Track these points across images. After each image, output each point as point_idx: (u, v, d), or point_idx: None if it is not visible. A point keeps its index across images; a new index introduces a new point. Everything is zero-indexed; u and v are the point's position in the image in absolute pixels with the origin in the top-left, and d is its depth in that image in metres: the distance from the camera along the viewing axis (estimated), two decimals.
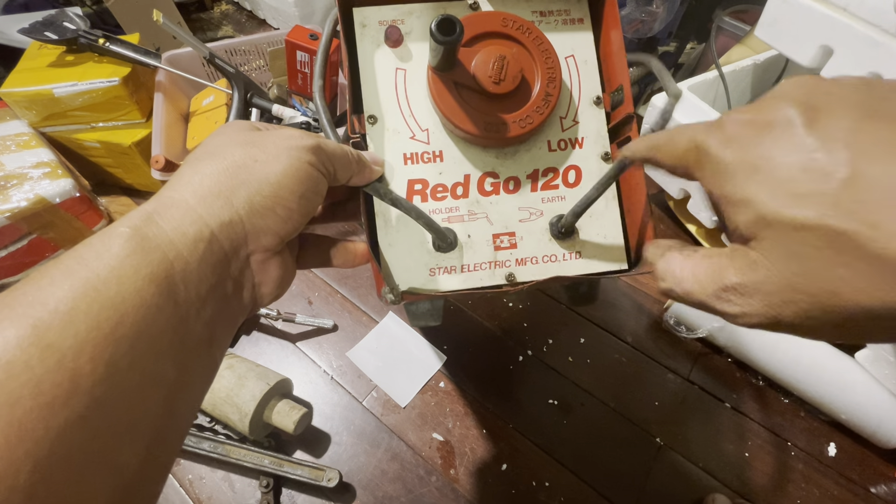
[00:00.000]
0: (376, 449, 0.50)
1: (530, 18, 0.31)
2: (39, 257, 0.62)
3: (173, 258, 0.17)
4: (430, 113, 0.30)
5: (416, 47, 0.30)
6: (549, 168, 0.31)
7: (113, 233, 0.17)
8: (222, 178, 0.19)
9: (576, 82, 0.31)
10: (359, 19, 0.29)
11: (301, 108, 0.70)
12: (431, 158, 0.30)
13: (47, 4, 0.86)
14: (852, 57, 0.47)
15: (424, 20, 0.30)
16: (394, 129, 0.29)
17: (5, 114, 0.66)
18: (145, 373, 0.16)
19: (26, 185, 0.59)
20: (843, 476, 0.49)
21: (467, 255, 0.30)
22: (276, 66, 0.75)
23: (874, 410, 0.48)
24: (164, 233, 0.17)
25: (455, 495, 0.47)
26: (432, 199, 0.30)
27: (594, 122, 0.31)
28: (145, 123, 0.68)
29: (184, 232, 0.18)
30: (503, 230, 0.30)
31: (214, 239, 0.19)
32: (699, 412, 0.53)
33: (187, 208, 0.18)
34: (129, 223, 0.17)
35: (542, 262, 0.30)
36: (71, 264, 0.16)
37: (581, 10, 0.32)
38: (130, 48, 0.65)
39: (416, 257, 0.29)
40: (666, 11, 0.74)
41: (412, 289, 0.29)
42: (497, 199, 0.30)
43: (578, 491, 0.48)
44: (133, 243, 0.17)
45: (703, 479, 0.49)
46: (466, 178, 0.30)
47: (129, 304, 0.15)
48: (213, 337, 0.19)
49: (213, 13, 1.15)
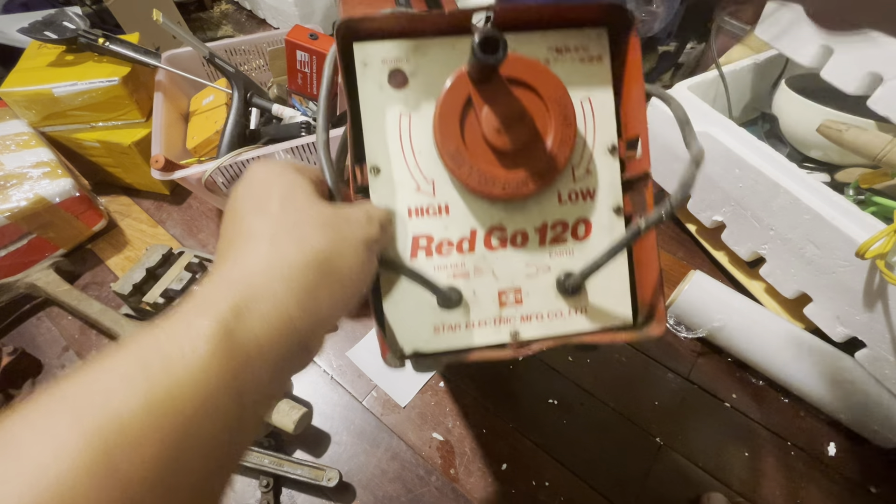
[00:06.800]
0: (376, 448, 0.50)
1: (546, 56, 0.28)
2: (39, 257, 0.62)
3: (255, 358, 0.16)
4: (437, 162, 0.28)
5: (422, 89, 0.28)
6: (558, 221, 0.29)
7: (199, 328, 0.16)
8: (310, 275, 0.19)
9: (590, 128, 0.29)
10: (360, 57, 0.27)
11: (301, 108, 0.70)
12: (437, 212, 0.28)
13: (47, 4, 0.85)
14: (852, 57, 0.47)
15: (432, 58, 0.27)
16: (398, 180, 0.28)
17: (5, 113, 0.66)
18: (197, 488, 0.15)
19: (26, 184, 0.59)
20: (843, 476, 0.49)
21: (472, 311, 0.29)
22: (276, 66, 0.75)
23: (874, 410, 0.48)
24: (252, 331, 0.17)
25: (455, 495, 0.47)
26: (437, 255, 0.28)
27: (608, 173, 0.29)
28: (145, 123, 0.68)
29: (271, 334, 0.17)
30: (509, 286, 0.29)
31: (297, 338, 0.18)
32: (699, 412, 0.53)
33: (277, 304, 0.17)
34: (218, 315, 0.16)
35: (547, 319, 0.29)
36: (151, 362, 0.15)
37: (600, 47, 0.29)
38: (130, 48, 0.65)
39: (421, 316, 0.28)
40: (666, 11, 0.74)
41: (417, 350, 0.28)
42: (504, 254, 0.29)
43: (578, 491, 0.48)
44: (220, 345, 0.16)
45: (702, 478, 0.49)
46: (473, 233, 0.29)
47: (201, 416, 0.15)
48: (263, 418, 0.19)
49: (213, 13, 1.15)
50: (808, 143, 0.59)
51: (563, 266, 0.29)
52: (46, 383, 0.54)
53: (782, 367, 0.52)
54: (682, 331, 0.57)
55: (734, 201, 0.56)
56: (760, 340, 0.53)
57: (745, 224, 0.56)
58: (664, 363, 0.57)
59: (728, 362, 0.57)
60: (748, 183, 0.53)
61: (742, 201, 0.55)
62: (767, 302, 0.59)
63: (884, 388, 0.48)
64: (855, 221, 0.45)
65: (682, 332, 0.57)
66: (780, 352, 0.52)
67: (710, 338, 0.56)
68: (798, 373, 0.51)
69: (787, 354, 0.51)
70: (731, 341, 0.54)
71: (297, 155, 0.62)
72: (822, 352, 0.51)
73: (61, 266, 0.62)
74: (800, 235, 0.50)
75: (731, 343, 0.54)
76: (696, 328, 0.56)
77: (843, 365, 0.50)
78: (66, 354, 0.57)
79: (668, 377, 0.56)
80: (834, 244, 0.47)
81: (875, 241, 0.42)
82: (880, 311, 0.45)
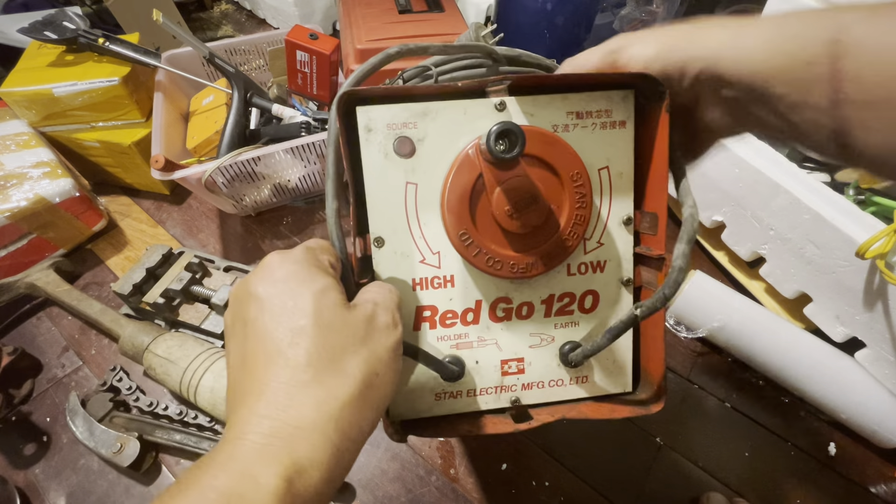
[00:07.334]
0: (376, 448, 0.50)
1: (565, 121, 0.26)
2: (39, 257, 0.62)
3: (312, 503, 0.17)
4: (443, 234, 0.26)
5: (430, 157, 0.26)
6: (565, 293, 0.28)
7: (267, 487, 0.16)
8: (356, 405, 0.19)
9: (606, 199, 0.28)
10: (363, 122, 0.25)
11: (301, 108, 0.70)
12: (442, 284, 0.27)
13: (47, 4, 0.85)
14: None
15: (442, 123, 0.26)
16: (403, 252, 0.27)
17: (5, 113, 0.66)
18: None
19: (26, 184, 0.59)
20: (843, 476, 0.49)
21: (474, 380, 0.29)
22: (276, 66, 0.75)
23: (874, 410, 0.48)
24: (312, 482, 0.17)
25: (455, 495, 0.47)
26: (441, 326, 0.28)
27: (621, 245, 0.28)
28: (145, 123, 0.68)
29: (326, 477, 0.18)
30: (512, 356, 0.29)
31: (345, 466, 0.19)
32: (699, 412, 0.53)
33: (331, 448, 0.18)
34: (282, 472, 0.16)
35: (549, 387, 0.30)
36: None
37: (624, 112, 0.27)
38: (130, 48, 0.65)
39: (423, 384, 0.28)
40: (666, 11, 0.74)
41: (418, 415, 0.29)
42: (508, 325, 0.28)
43: (578, 491, 0.48)
44: (285, 501, 0.16)
45: (703, 478, 0.49)
46: (478, 304, 0.28)
47: None
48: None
49: (213, 13, 1.15)
50: None
51: (568, 337, 0.29)
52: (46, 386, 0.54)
53: (782, 367, 0.52)
54: (682, 331, 0.57)
55: (734, 201, 0.56)
56: (760, 340, 0.53)
57: (745, 224, 0.56)
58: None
59: (728, 362, 0.57)
60: (748, 183, 0.53)
61: (742, 201, 0.55)
62: (767, 302, 0.59)
63: (884, 388, 0.48)
64: (855, 221, 0.45)
65: (682, 332, 0.57)
66: (779, 352, 0.52)
67: (710, 338, 0.56)
68: (798, 373, 0.51)
69: (786, 354, 0.51)
70: (731, 341, 0.54)
71: (296, 155, 0.62)
72: (822, 352, 0.51)
73: (61, 266, 0.62)
74: (800, 235, 0.50)
75: (731, 343, 0.54)
76: (696, 328, 0.56)
77: (843, 365, 0.50)
78: (66, 354, 0.57)
79: (668, 377, 0.56)
80: (834, 244, 0.47)
81: (875, 241, 0.42)
82: (880, 311, 0.45)
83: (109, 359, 0.56)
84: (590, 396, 0.30)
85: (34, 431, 0.51)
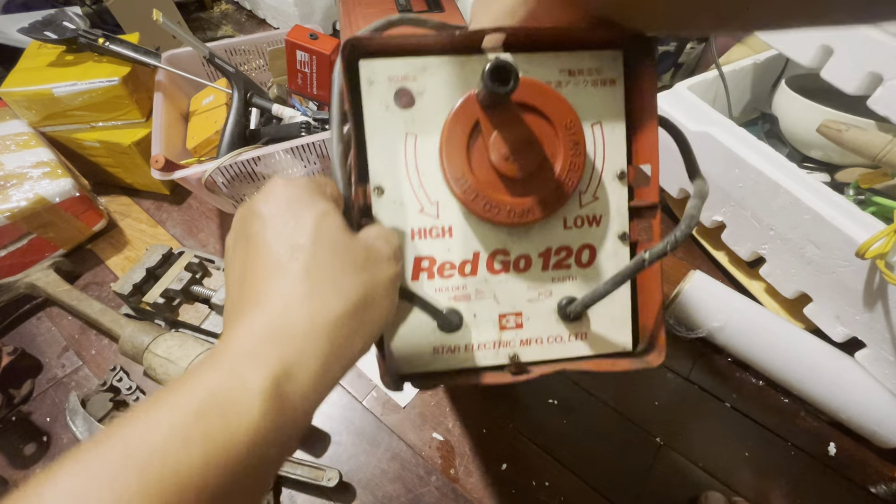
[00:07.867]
0: (376, 448, 0.50)
1: (558, 78, 0.28)
2: (39, 257, 0.62)
3: (300, 411, 0.18)
4: (441, 184, 0.27)
5: (429, 110, 0.27)
6: (562, 247, 0.29)
7: (254, 387, 0.16)
8: (350, 324, 0.20)
9: (600, 153, 0.28)
10: (366, 74, 0.26)
11: (301, 108, 0.70)
12: (440, 234, 0.28)
13: (47, 4, 0.86)
14: (852, 57, 0.47)
15: (440, 77, 0.27)
16: (402, 201, 0.27)
17: (5, 113, 0.66)
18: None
19: (26, 184, 0.59)
20: (843, 476, 0.49)
21: (472, 334, 0.29)
22: (276, 66, 0.75)
23: (874, 410, 0.48)
24: (301, 389, 0.18)
25: (455, 495, 0.47)
26: (439, 277, 0.28)
27: (615, 199, 0.29)
28: (145, 123, 0.68)
29: (315, 388, 0.18)
30: (510, 310, 0.29)
31: (333, 383, 0.20)
32: (699, 412, 0.53)
33: (322, 360, 0.18)
34: (271, 374, 0.17)
35: (547, 343, 0.30)
36: (210, 418, 0.15)
37: (614, 70, 0.28)
38: (130, 48, 0.65)
39: (421, 337, 0.28)
40: None
41: (416, 371, 0.29)
42: (506, 278, 0.29)
43: (578, 491, 0.48)
44: (273, 404, 0.17)
45: (703, 478, 0.49)
46: (476, 256, 0.28)
47: (252, 466, 0.16)
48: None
49: (213, 13, 1.15)
50: (808, 143, 0.59)
51: (566, 292, 0.29)
52: (47, 387, 0.54)
53: (782, 367, 0.52)
54: (682, 331, 0.57)
55: (734, 201, 0.56)
56: (760, 340, 0.53)
57: (745, 224, 0.56)
58: (664, 363, 0.56)
59: (728, 362, 0.57)
60: (748, 183, 0.53)
61: (742, 201, 0.55)
62: (767, 302, 0.59)
63: (884, 388, 0.48)
64: (855, 221, 0.45)
65: (682, 332, 0.57)
66: (780, 352, 0.52)
67: (710, 338, 0.56)
68: (798, 373, 0.51)
69: (787, 354, 0.51)
70: (731, 341, 0.54)
71: (296, 155, 0.62)
72: (822, 352, 0.51)
73: (61, 266, 0.62)
74: (800, 235, 0.50)
75: (731, 343, 0.54)
76: (696, 328, 0.56)
77: (843, 365, 0.50)
78: (66, 354, 0.57)
79: (668, 377, 0.56)
80: (834, 244, 0.47)
81: (875, 241, 0.42)
82: (880, 311, 0.45)
83: (109, 359, 0.56)
84: (589, 355, 0.30)
85: (34, 431, 0.51)
